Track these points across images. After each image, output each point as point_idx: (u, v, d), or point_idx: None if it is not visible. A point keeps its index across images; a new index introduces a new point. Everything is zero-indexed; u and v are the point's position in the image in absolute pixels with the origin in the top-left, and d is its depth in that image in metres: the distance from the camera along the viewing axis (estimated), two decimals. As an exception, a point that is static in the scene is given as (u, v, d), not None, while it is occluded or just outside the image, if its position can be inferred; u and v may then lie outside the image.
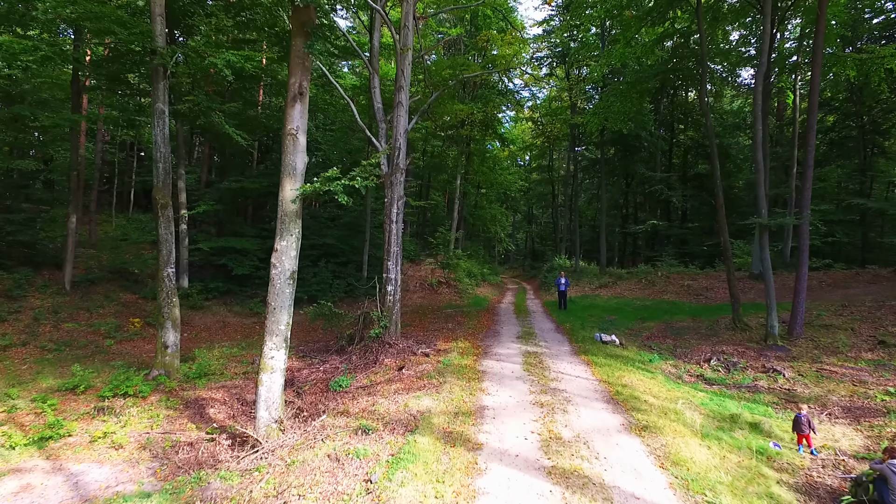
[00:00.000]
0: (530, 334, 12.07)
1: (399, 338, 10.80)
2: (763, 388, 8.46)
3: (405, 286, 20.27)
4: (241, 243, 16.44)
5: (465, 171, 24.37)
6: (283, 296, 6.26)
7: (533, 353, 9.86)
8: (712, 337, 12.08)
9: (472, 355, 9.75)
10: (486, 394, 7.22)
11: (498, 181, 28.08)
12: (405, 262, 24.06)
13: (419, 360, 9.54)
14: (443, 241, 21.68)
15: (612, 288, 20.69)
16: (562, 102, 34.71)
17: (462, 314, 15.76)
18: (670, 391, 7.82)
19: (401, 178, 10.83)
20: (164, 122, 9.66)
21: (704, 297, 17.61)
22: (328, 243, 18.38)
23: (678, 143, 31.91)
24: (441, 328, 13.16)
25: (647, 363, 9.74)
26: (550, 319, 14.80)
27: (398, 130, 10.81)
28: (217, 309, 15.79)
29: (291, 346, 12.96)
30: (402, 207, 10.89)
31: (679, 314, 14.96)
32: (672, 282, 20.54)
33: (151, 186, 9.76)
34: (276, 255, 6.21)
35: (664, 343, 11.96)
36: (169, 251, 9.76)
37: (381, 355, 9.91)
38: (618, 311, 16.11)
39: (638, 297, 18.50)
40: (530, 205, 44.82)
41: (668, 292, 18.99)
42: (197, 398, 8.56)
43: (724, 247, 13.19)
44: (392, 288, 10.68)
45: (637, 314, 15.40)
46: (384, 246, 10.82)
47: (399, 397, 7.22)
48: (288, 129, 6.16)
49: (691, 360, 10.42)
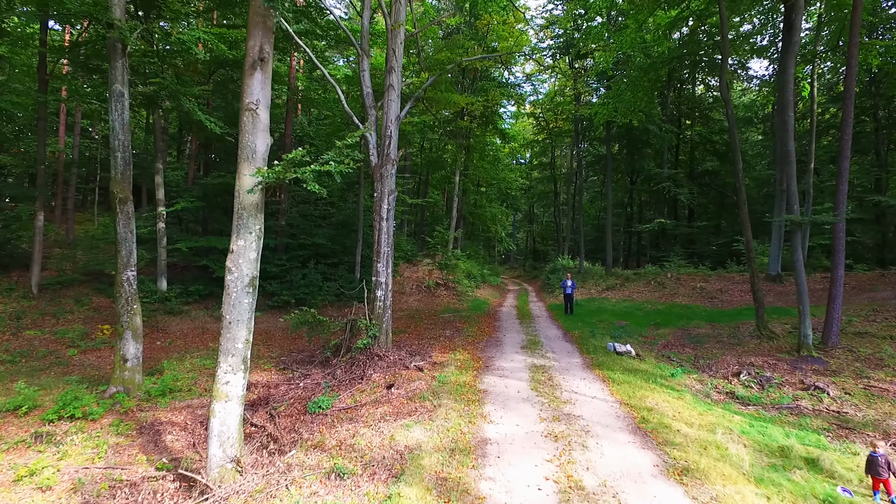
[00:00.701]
0: (536, 343, 10.94)
1: (390, 348, 9.68)
2: (807, 409, 7.34)
3: (400, 288, 19.15)
4: (223, 243, 15.27)
5: (465, 166, 23.20)
6: (240, 307, 5.14)
7: (540, 367, 8.74)
8: (736, 346, 10.96)
9: (472, 369, 8.63)
10: (489, 421, 6.09)
11: (499, 176, 26.97)
12: (401, 263, 22.95)
13: (411, 375, 8.42)
14: (441, 240, 20.56)
15: (619, 290, 19.57)
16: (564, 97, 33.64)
17: (461, 319, 14.63)
18: (702, 415, 6.70)
19: (392, 171, 9.70)
20: (122, 106, 8.52)
21: (720, 301, 16.49)
22: (319, 243, 17.26)
23: (684, 139, 30.82)
24: (438, 336, 12.03)
25: (670, 378, 8.62)
26: (557, 325, 13.68)
27: (389, 117, 9.68)
28: (197, 314, 14.64)
29: (272, 356, 11.87)
30: (393, 203, 9.76)
31: (695, 319, 13.85)
32: (683, 284, 19.43)
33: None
34: (232, 257, 5.08)
35: (683, 353, 10.85)
36: (129, 252, 8.62)
37: (369, 369, 8.79)
38: (628, 315, 14.99)
39: (648, 301, 17.37)
40: (531, 203, 43.70)
41: (679, 295, 17.88)
42: (155, 421, 7.43)
43: (747, 247, 12.07)
44: (382, 293, 9.56)
45: (649, 319, 14.29)
46: (374, 246, 9.69)
47: (385, 425, 6.10)
48: (246, 103, 5.03)
49: (717, 373, 9.31)
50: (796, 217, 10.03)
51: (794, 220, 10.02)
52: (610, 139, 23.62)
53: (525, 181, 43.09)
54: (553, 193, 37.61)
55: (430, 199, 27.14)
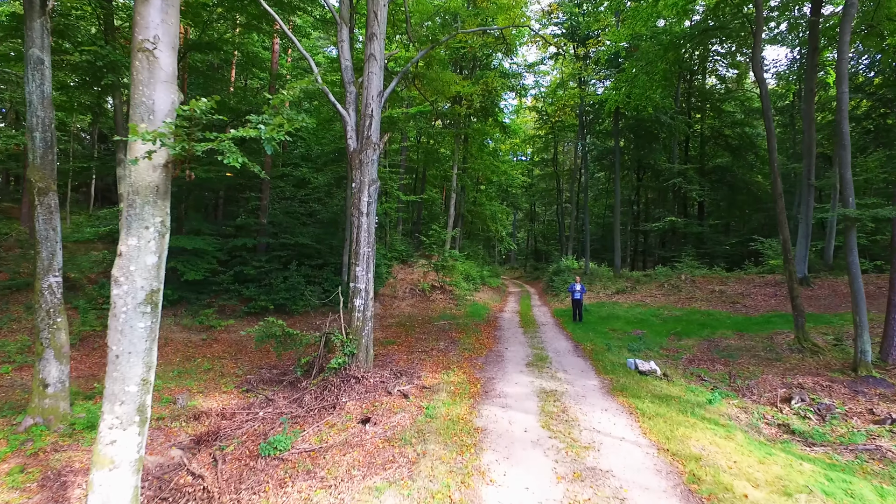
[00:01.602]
0: (543, 359, 9.41)
1: (371, 368, 8.14)
2: (891, 452, 5.82)
3: (392, 292, 17.62)
4: (193, 242, 13.77)
5: (463, 159, 21.55)
6: (132, 334, 3.59)
7: (551, 393, 7.21)
8: (775, 362, 9.45)
9: (468, 396, 7.10)
10: (488, 480, 4.57)
11: (500, 169, 25.38)
12: (395, 264, 21.44)
13: (394, 403, 6.89)
14: (436, 239, 19.04)
15: (631, 294, 18.04)
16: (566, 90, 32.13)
17: (458, 328, 13.11)
18: (764, 464, 5.18)
19: (373, 157, 8.17)
20: (42, 76, 6.98)
21: (743, 306, 14.97)
22: (302, 243, 15.72)
23: (694, 133, 29.31)
24: (430, 349, 10.49)
25: (707, 406, 7.09)
26: (565, 335, 12.15)
27: (369, 93, 8.16)
28: (162, 322, 13.07)
29: (238, 373, 10.31)
30: (375, 195, 8.23)
31: (720, 328, 12.33)
32: (699, 287, 17.91)
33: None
34: (120, 262, 3.54)
35: (714, 370, 9.33)
36: (51, 253, 7.08)
37: (344, 395, 7.25)
38: (644, 323, 13.46)
39: (664, 306, 15.85)
40: (533, 202, 42.19)
41: (697, 299, 16.35)
42: (66, 468, 5.90)
43: (784, 247, 10.55)
44: (362, 301, 8.03)
45: (668, 328, 12.77)
46: (351, 246, 8.16)
47: (350, 486, 4.57)
48: (139, 41, 3.49)
49: (761, 398, 7.78)
50: (852, 211, 8.49)
51: (850, 215, 8.48)
52: (618, 132, 22.07)
53: (526, 179, 41.59)
54: (556, 191, 36.10)
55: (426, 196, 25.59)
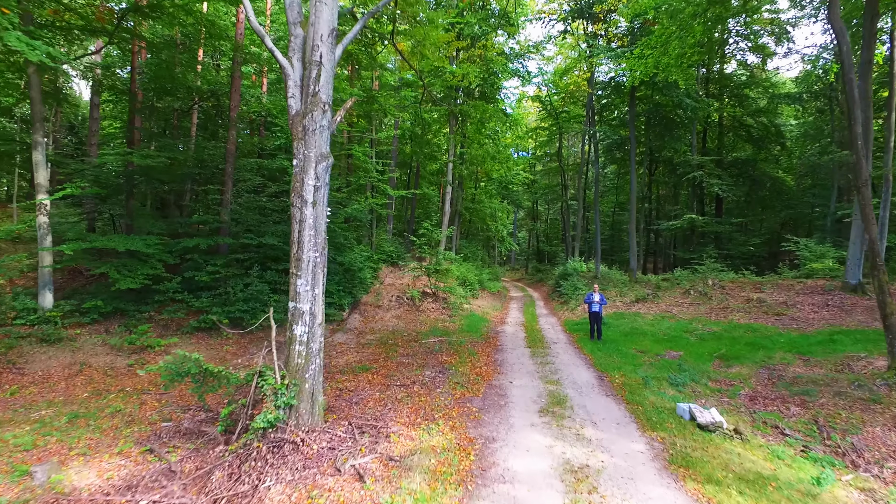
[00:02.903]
0: (561, 401, 6.98)
1: (319, 424, 5.71)
2: None
3: (376, 300, 15.19)
4: (129, 243, 11.31)
5: (459, 143, 18.89)
6: None
7: (581, 472, 4.78)
8: (873, 404, 7.03)
9: (455, 479, 4.67)
10: None
11: (501, 156, 22.89)
12: (383, 267, 19.01)
13: (342, 493, 4.47)
14: (428, 239, 16.63)
15: (652, 302, 15.61)
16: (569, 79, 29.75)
17: (450, 347, 10.68)
18: None
19: (322, 122, 5.74)
20: None
21: (792, 320, 12.55)
22: (268, 244, 13.28)
23: (712, 123, 26.91)
24: (411, 383, 8.06)
25: (816, 491, 4.67)
26: (583, 359, 9.73)
27: (317, 32, 5.73)
28: (86, 340, 10.65)
29: (152, 419, 7.90)
30: (326, 176, 5.79)
31: (774, 349, 9.92)
32: (731, 294, 15.50)
33: None
34: None
35: (789, 413, 6.93)
36: None
37: (269, 474, 4.82)
38: (677, 342, 11.04)
39: (696, 318, 13.42)
40: (535, 199, 39.76)
41: (733, 310, 13.93)
42: None
43: (871, 249, 8.12)
44: (305, 329, 5.59)
45: (709, 348, 10.35)
46: (292, 250, 5.71)
47: None
48: None
49: (882, 468, 5.38)
50: None
51: None
52: (634, 117, 19.63)
53: (528, 175, 39.17)
54: (560, 186, 33.65)
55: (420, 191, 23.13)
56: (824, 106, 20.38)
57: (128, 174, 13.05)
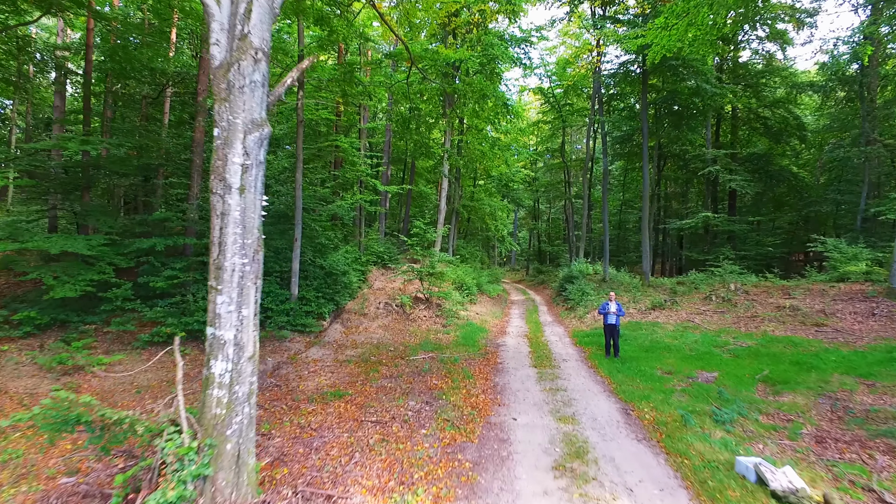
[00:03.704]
0: (581, 451, 5.36)
1: (248, 499, 4.08)
2: None
3: (361, 308, 13.57)
4: (68, 244, 9.70)
5: (454, 123, 16.97)
6: None
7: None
8: (984, 451, 5.43)
9: None
10: None
11: (502, 143, 21.19)
12: (372, 269, 17.43)
13: None
14: (421, 239, 15.03)
15: (671, 310, 13.99)
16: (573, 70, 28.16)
17: (441, 367, 9.09)
18: None
19: (257, 78, 4.13)
20: None
21: (836, 331, 10.94)
22: (237, 244, 11.67)
23: (725, 115, 25.33)
24: (388, 420, 6.45)
25: None
26: (602, 384, 8.11)
27: (249, -51, 4.11)
28: (10, 359, 9.04)
29: (60, 468, 6.27)
30: (259, 152, 4.18)
31: (826, 369, 8.33)
32: (758, 300, 13.90)
33: None
34: None
35: (877, 466, 5.34)
36: None
37: (157, 593, 3.21)
38: (708, 358, 9.44)
39: (723, 329, 11.82)
40: (536, 197, 38.14)
41: (763, 318, 12.33)
42: None
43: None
44: (227, 367, 3.97)
45: (746, 367, 8.75)
46: (210, 253, 4.10)
47: None
48: None
49: None
50: None
51: None
52: (646, 107, 18.01)
53: (529, 172, 37.58)
54: (564, 183, 32.04)
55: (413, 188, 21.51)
56: (854, 95, 18.78)
57: (81, 165, 11.43)
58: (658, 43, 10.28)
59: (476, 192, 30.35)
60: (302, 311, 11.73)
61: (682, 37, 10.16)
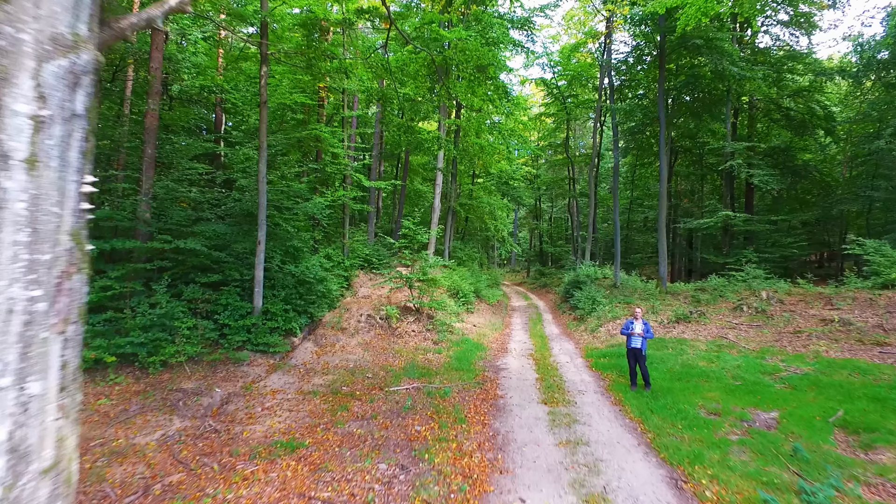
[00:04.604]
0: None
1: None
2: None
3: (338, 319, 11.74)
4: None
5: (445, 98, 14.72)
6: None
7: None
8: None
9: None
10: None
11: (503, 127, 19.28)
12: (358, 275, 15.62)
13: None
14: (411, 240, 13.23)
15: (698, 323, 12.15)
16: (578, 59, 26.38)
17: (426, 405, 7.26)
18: None
19: None
20: None
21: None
22: (190, 249, 9.82)
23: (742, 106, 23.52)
24: (348, 493, 4.62)
25: None
26: (635, 433, 6.27)
27: None
28: None
29: None
30: (74, 97, 2.35)
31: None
32: (797, 311, 12.09)
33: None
34: None
35: None
36: None
37: None
38: (758, 391, 7.61)
39: (765, 348, 9.99)
40: (538, 195, 36.30)
41: (809, 334, 10.50)
42: None
43: None
44: None
45: (812, 406, 6.92)
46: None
47: None
48: None
49: None
50: None
51: None
52: (664, 92, 16.17)
53: (531, 169, 35.76)
54: (568, 179, 30.22)
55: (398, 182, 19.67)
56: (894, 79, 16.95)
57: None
58: (692, 4, 8.43)
59: (475, 190, 28.55)
60: (265, 328, 9.89)
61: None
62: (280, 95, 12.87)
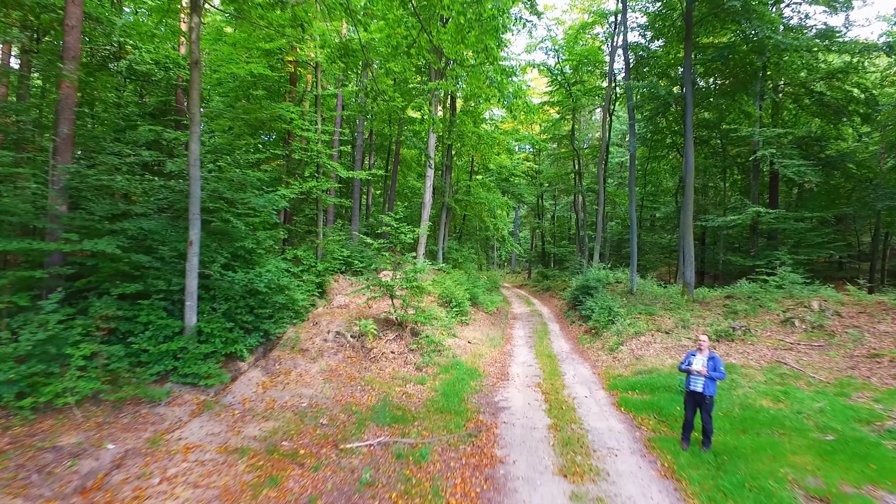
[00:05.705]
0: None
1: None
2: None
3: (299, 336, 9.49)
4: None
5: (435, 60, 12.27)
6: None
7: None
8: None
9: None
10: None
11: (507, 107, 16.92)
12: (340, 277, 13.46)
13: None
14: (394, 239, 11.00)
15: (744, 342, 9.87)
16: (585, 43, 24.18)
17: (392, 478, 5.02)
18: None
19: None
20: None
21: None
22: (101, 253, 7.59)
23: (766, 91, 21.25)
24: None
25: None
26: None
27: None
28: None
29: None
30: None
31: None
32: (860, 325, 9.85)
33: None
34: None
35: None
36: None
37: None
38: (869, 455, 5.36)
39: (844, 380, 7.72)
40: (540, 192, 34.02)
41: (893, 361, 8.25)
42: None
43: None
44: None
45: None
46: None
47: None
48: None
49: None
50: None
51: None
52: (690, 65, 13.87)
53: (532, 164, 33.52)
54: (573, 174, 27.93)
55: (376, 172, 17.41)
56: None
57: None
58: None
59: (473, 187, 26.29)
60: (198, 353, 7.64)
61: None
62: (233, 65, 10.61)
